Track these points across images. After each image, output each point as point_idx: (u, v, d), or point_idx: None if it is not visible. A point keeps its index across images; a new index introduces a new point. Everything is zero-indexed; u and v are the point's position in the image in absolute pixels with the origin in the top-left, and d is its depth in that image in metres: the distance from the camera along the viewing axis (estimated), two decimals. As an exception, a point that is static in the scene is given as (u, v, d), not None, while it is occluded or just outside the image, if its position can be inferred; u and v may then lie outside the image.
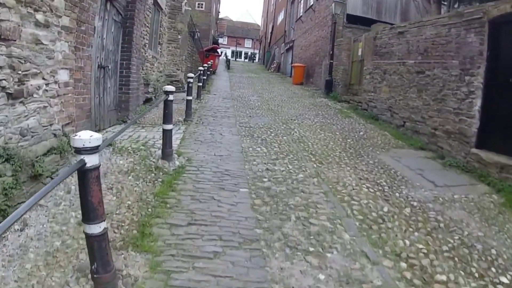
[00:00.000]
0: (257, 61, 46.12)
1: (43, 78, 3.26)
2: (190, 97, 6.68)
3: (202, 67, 10.75)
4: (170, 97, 3.99)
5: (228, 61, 26.94)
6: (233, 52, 51.53)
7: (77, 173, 1.72)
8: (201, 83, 9.87)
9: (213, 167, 4.01)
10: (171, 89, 4.00)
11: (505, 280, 2.36)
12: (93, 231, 1.79)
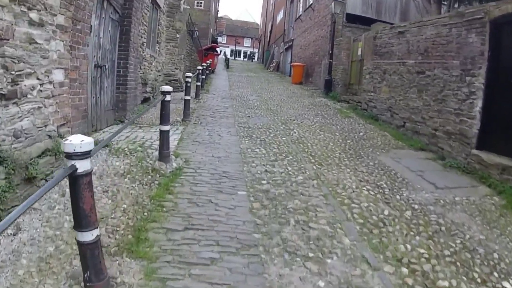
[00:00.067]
0: (256, 60, 46.03)
1: (37, 78, 3.20)
2: (188, 96, 6.62)
3: (201, 66, 10.67)
4: (168, 97, 3.93)
5: (227, 60, 26.82)
6: (232, 51, 51.40)
7: (68, 179, 1.66)
8: (199, 82, 9.80)
9: (211, 169, 3.95)
10: (168, 89, 3.94)
11: (507, 285, 2.32)
12: (85, 238, 1.74)
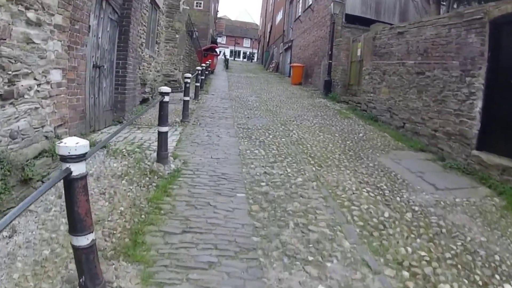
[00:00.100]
0: (256, 60, 46.00)
1: (34, 79, 3.16)
2: (187, 97, 6.58)
3: (200, 67, 10.64)
4: (166, 98, 3.89)
5: (226, 60, 26.76)
6: (231, 51, 51.36)
7: (63, 183, 1.63)
8: (199, 83, 9.76)
9: (209, 170, 3.92)
10: (166, 90, 3.90)
11: (509, 287, 2.28)
12: (80, 243, 1.70)
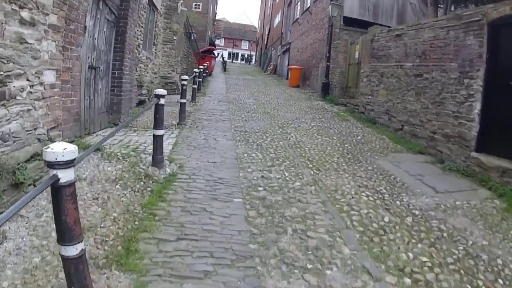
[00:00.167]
0: (254, 63, 46.01)
1: (27, 79, 3.10)
2: (184, 100, 6.50)
3: (198, 69, 10.57)
4: (162, 100, 3.82)
5: (224, 62, 26.70)
6: (229, 53, 51.36)
7: (51, 190, 1.55)
8: (196, 85, 9.70)
9: (206, 174, 3.84)
10: (162, 92, 3.83)
11: (513, 293, 2.25)
12: (69, 253, 1.62)
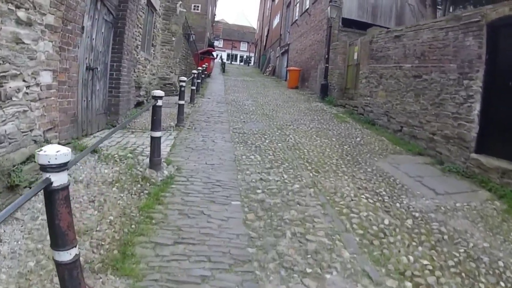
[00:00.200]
0: (253, 64, 45.99)
1: (23, 80, 3.06)
2: (182, 101, 6.46)
3: (196, 70, 10.54)
4: (159, 102, 3.78)
5: (223, 64, 26.64)
6: (228, 55, 51.34)
7: (43, 194, 1.51)
8: (195, 86, 9.66)
9: (203, 177, 3.80)
10: (160, 94, 3.79)
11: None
12: (62, 258, 1.58)
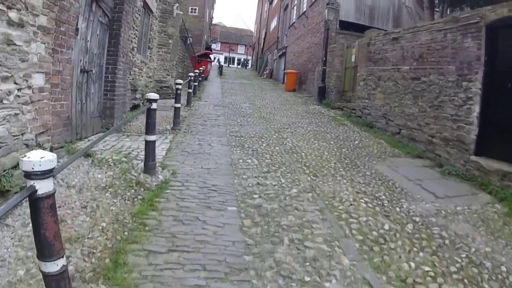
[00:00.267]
0: (250, 67, 46.03)
1: (14, 83, 2.98)
2: (178, 104, 6.39)
3: (193, 73, 10.48)
4: (154, 105, 3.70)
5: (220, 67, 26.63)
6: (226, 58, 51.40)
7: (28, 202, 1.44)
8: (191, 89, 9.60)
9: (199, 181, 3.71)
10: (154, 96, 3.71)
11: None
12: (49, 269, 1.50)
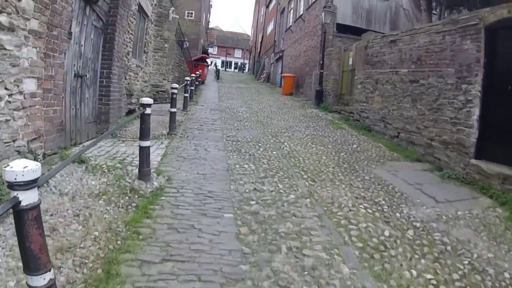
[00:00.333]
0: (247, 71, 46.09)
1: (5, 88, 2.92)
2: (174, 109, 6.32)
3: (189, 77, 10.42)
4: (148, 110, 3.62)
5: (217, 71, 26.59)
6: (223, 62, 51.40)
7: (13, 213, 1.36)
8: (188, 93, 9.53)
9: (195, 188, 3.63)
10: (148, 101, 3.64)
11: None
12: (36, 284, 1.42)
